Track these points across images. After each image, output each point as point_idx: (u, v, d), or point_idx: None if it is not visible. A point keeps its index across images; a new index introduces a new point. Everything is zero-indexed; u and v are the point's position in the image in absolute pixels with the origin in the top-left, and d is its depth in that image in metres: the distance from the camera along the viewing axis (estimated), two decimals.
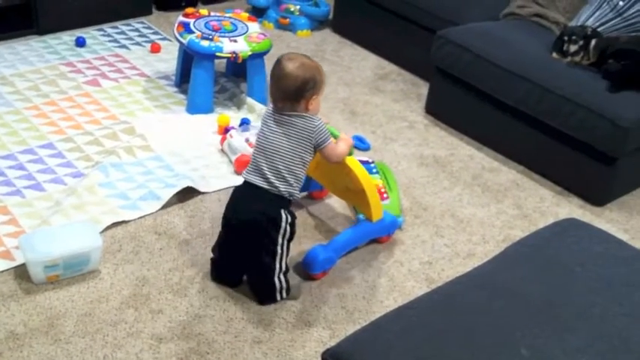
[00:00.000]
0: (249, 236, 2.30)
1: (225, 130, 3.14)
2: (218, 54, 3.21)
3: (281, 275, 2.33)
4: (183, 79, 3.54)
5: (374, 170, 2.94)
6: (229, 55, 3.23)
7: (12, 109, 3.23)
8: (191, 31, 3.30)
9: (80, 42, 3.85)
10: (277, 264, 2.31)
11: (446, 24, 3.55)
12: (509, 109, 3.22)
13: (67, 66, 3.65)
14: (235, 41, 3.27)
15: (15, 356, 2.07)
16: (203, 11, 3.52)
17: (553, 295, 1.78)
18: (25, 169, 2.85)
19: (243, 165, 2.91)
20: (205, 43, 3.21)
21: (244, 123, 3.19)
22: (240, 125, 3.17)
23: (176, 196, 2.77)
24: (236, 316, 2.30)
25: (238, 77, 3.64)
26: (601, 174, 3.01)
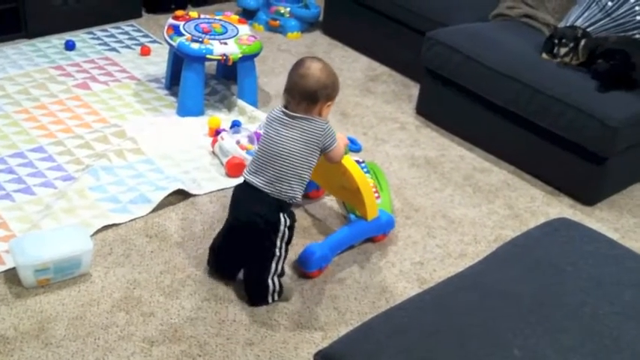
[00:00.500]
0: (247, 237, 2.30)
1: (216, 133, 3.14)
2: (208, 56, 3.21)
3: (275, 277, 2.33)
4: (173, 82, 3.53)
5: (365, 170, 2.94)
6: (220, 58, 3.23)
7: (2, 113, 3.21)
8: (181, 34, 3.29)
9: (70, 45, 3.84)
10: (274, 266, 2.31)
11: (436, 25, 3.56)
12: (499, 110, 3.23)
13: (57, 69, 3.64)
14: (225, 44, 3.27)
15: None
16: (193, 14, 3.51)
17: (544, 295, 1.79)
18: (15, 173, 2.84)
19: (234, 167, 2.91)
20: (195, 46, 3.20)
21: (235, 125, 3.19)
22: (231, 127, 3.17)
23: (167, 199, 2.76)
24: (228, 318, 2.29)
25: (229, 80, 3.64)
26: (591, 173, 3.03)
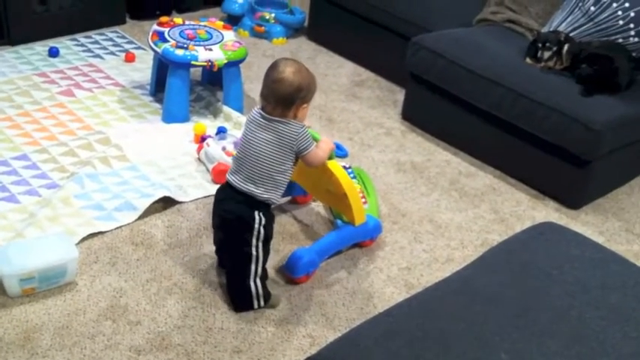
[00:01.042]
0: (225, 236, 2.34)
1: (201, 139, 3.13)
2: (193, 62, 3.20)
3: (257, 280, 2.31)
4: (158, 88, 3.52)
5: (352, 175, 2.94)
6: (205, 64, 3.22)
7: None
8: (166, 40, 3.28)
9: (53, 52, 3.81)
10: (253, 267, 2.29)
11: (420, 30, 3.58)
12: (483, 114, 3.25)
13: (41, 76, 3.62)
14: (211, 50, 3.26)
15: None
16: (178, 20, 3.50)
17: (531, 299, 1.80)
18: None
19: (220, 174, 2.91)
20: (180, 52, 3.19)
21: (221, 131, 3.18)
22: (216, 134, 3.16)
23: (153, 206, 2.75)
24: (215, 326, 2.29)
25: (214, 86, 3.63)
26: (576, 177, 3.05)
